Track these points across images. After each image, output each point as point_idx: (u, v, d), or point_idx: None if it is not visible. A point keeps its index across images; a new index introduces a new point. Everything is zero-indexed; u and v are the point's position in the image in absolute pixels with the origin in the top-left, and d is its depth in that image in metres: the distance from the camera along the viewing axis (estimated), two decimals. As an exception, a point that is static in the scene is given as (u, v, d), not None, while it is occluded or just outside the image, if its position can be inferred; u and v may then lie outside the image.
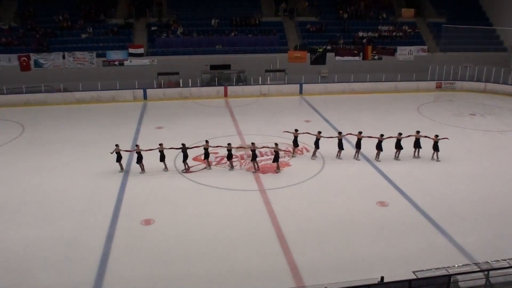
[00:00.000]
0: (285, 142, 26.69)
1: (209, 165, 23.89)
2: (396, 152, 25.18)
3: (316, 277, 14.97)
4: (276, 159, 23.37)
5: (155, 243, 16.97)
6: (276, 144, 23.79)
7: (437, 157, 25.01)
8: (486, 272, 13.39)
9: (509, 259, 14.30)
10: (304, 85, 41.92)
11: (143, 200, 20.35)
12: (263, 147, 24.45)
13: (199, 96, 40.18)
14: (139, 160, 23.35)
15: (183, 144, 23.72)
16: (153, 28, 44.30)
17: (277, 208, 19.67)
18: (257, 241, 17.18)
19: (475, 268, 13.67)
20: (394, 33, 46.96)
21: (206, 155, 23.79)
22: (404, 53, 43.82)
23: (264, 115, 34.58)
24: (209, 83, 41.80)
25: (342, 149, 25.10)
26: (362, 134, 25.07)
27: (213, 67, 42.48)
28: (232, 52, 43.17)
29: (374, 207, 19.91)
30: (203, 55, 42.72)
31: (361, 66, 43.65)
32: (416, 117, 34.08)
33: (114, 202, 20.00)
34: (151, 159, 23.75)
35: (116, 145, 23.46)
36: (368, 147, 25.44)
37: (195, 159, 24.88)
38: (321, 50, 42.12)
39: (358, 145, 25.06)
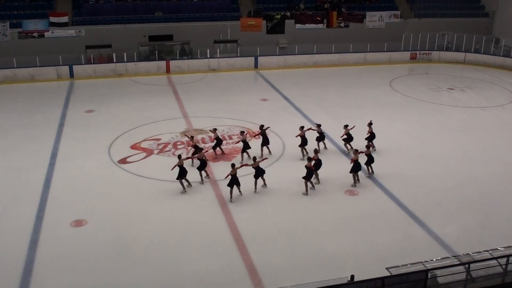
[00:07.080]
0: (241, 125, 27.15)
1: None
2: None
3: (277, 279, 15.14)
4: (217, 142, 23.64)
5: (87, 249, 16.85)
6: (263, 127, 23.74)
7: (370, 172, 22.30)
8: (466, 265, 13.87)
9: (491, 250, 14.81)
10: (259, 58, 42.51)
11: (72, 198, 20.15)
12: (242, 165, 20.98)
13: (136, 72, 40.04)
14: (202, 167, 21.49)
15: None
16: (78, -8, 44.19)
17: (232, 203, 19.94)
18: (209, 240, 17.28)
19: (455, 261, 14.19)
20: (362, -4, 48.25)
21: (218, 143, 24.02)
22: (374, 19, 44.23)
23: (214, 93, 35.11)
24: (147, 57, 41.99)
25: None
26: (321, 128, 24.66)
27: (152, 38, 42.51)
28: (174, 20, 43.23)
29: (342, 197, 20.41)
30: (140, 23, 42.60)
31: (325, 35, 44.15)
32: (388, 93, 35.44)
33: (37, 200, 19.80)
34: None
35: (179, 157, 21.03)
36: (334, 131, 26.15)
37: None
38: (278, 16, 41.92)
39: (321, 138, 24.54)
